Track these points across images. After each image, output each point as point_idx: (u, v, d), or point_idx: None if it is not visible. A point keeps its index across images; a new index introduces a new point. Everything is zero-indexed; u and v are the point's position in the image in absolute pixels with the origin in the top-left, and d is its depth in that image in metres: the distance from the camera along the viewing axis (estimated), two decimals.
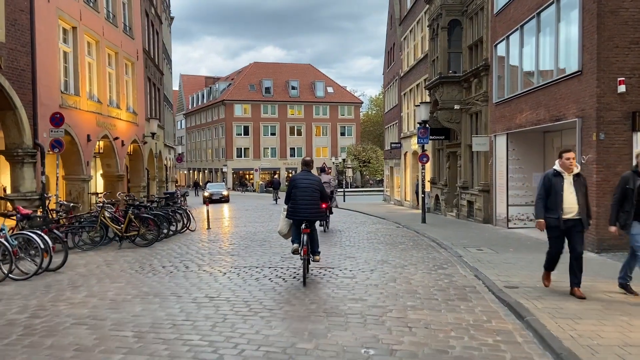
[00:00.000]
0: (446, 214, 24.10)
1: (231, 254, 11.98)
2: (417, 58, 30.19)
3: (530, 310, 6.45)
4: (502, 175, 17.60)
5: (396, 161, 37.04)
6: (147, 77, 26.05)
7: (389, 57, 41.57)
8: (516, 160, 17.15)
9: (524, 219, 17.16)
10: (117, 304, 7.17)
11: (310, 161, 9.73)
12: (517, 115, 16.23)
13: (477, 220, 19.88)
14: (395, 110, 37.63)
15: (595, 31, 11.68)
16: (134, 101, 22.89)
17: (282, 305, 7.03)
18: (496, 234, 15.65)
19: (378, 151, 67.50)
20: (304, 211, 8.76)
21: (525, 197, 17.13)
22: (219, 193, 39.74)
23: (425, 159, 20.07)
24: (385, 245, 13.42)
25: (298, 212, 8.79)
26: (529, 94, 15.33)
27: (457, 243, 13.23)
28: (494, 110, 18.37)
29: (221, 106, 74.71)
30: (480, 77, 19.64)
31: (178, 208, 16.85)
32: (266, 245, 13.31)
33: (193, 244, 13.71)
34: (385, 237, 15.42)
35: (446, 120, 22.05)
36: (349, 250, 12.18)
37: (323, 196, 9.12)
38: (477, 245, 12.89)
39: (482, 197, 19.33)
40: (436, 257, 11.38)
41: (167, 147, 35.05)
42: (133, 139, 22.57)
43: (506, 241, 13.70)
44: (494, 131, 18.39)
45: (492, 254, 11.41)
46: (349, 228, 17.94)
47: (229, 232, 16.95)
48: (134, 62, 22.82)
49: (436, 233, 15.84)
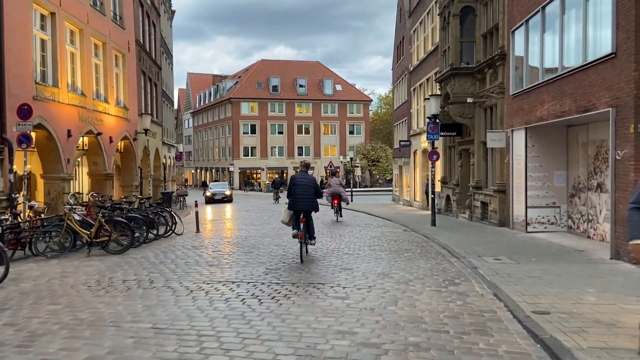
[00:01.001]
0: (458, 215, 22.46)
1: (210, 263, 10.47)
2: (427, 51, 28.55)
3: (573, 352, 4.85)
4: (520, 174, 15.95)
5: (405, 160, 35.40)
6: (142, 71, 24.67)
7: (398, 52, 39.92)
8: (536, 157, 15.49)
9: (544, 223, 15.50)
10: (32, 339, 5.60)
11: (309, 164, 11.92)
12: (537, 107, 14.58)
13: (491, 223, 18.24)
14: (405, 107, 35.99)
15: (634, 5, 10.02)
16: (124, 95, 21.50)
17: (244, 344, 5.36)
18: (514, 239, 14.02)
19: (388, 150, 65.73)
20: (301, 204, 10.80)
21: (545, 198, 15.48)
22: (221, 193, 38.33)
23: (435, 157, 18.46)
24: (389, 253, 11.82)
25: (297, 205, 10.83)
26: (552, 83, 13.66)
27: (470, 250, 11.64)
28: (511, 103, 16.71)
29: (228, 104, 73.36)
30: (496, 67, 17.99)
31: (162, 210, 15.32)
32: (253, 253, 11.77)
33: (172, 251, 12.21)
34: (390, 242, 13.84)
35: (458, 115, 20.42)
36: (347, 260, 10.60)
37: (317, 192, 11.04)
38: (494, 253, 11.28)
39: (498, 197, 17.68)
40: (447, 268, 9.79)
41: (167, 145, 33.69)
42: (124, 135, 21.18)
43: (526, 248, 12.08)
44: (510, 126, 16.74)
45: (512, 265, 9.80)
46: (351, 232, 16.38)
47: (218, 236, 15.47)
48: (124, 53, 21.43)
49: (447, 238, 14.25)
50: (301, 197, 10.77)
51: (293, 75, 75.91)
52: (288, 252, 11.69)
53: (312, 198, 10.86)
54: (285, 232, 14.70)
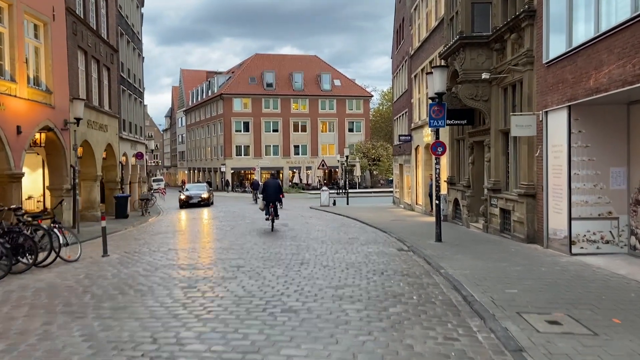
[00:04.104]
0: (469, 225, 17.90)
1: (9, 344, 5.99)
2: (431, 28, 24.03)
3: None
4: (558, 171, 11.43)
5: (406, 157, 30.83)
6: (81, 49, 20.20)
7: (397, 37, 35.35)
8: (584, 148, 10.95)
9: (596, 241, 10.97)
10: None
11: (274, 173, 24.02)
12: (590, 73, 10.03)
13: (515, 238, 13.70)
14: (405, 98, 31.45)
15: None
16: (47, 75, 17.03)
17: None
18: (558, 268, 9.49)
19: (389, 148, 60.97)
20: (271, 197, 17.47)
21: (598, 206, 10.95)
22: (197, 195, 33.79)
23: (440, 149, 13.90)
24: (364, 307, 6.93)
25: (269, 198, 17.48)
26: (617, 34, 9.12)
27: (500, 296, 7.13)
28: (546, 75, 12.17)
29: (219, 101, 68.84)
30: (521, 30, 13.47)
31: (37, 228, 10.62)
32: (121, 310, 7.13)
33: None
34: (371, 278, 9.00)
35: (469, 98, 15.89)
36: (277, 337, 5.81)
37: (280, 190, 17.92)
38: (542, 303, 6.77)
39: (525, 204, 13.16)
40: (465, 350, 5.25)
41: (130, 142, 29.20)
42: (44, 125, 16.71)
43: (586, 288, 7.57)
44: (544, 106, 12.21)
45: (587, 339, 5.29)
46: (322, 254, 11.77)
47: (127, 266, 11.01)
48: (47, 22, 16.97)
49: (459, 266, 9.73)
50: (271, 193, 17.48)
51: (289, 69, 71.35)
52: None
53: (277, 194, 17.64)
54: (245, 272, 10.21)
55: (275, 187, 17.63)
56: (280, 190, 17.71)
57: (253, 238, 15.07)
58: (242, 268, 9.80)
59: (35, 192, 21.16)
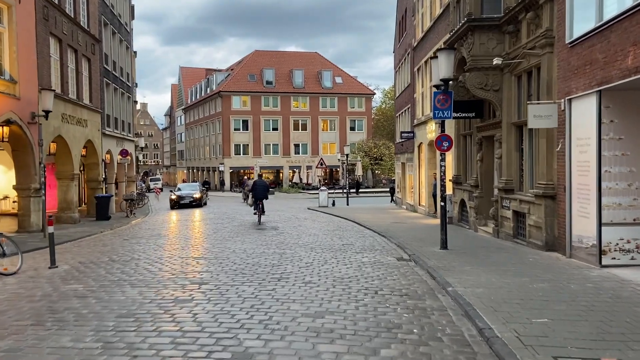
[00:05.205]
0: (477, 228, 16.23)
1: None
2: (435, 16, 22.36)
3: None
4: (585, 168, 9.76)
5: (409, 155, 29.15)
6: (53, 35, 18.57)
7: (400, 29, 33.69)
8: (617, 141, 9.27)
9: (630, 251, 9.29)
10: None
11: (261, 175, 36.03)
12: (628, 50, 8.34)
13: (532, 244, 12.03)
14: (408, 92, 29.76)
15: None
16: (11, 63, 15.42)
17: None
18: (590, 285, 7.82)
19: (391, 147, 59.26)
20: (259, 195, 19.74)
21: (633, 210, 9.29)
22: (189, 196, 32.15)
23: (446, 144, 12.20)
24: (346, 352, 5.10)
25: (257, 196, 19.71)
26: None
27: (527, 329, 5.48)
28: (569, 57, 10.49)
29: (218, 99, 67.13)
30: (539, 7, 11.80)
31: None
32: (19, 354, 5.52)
33: None
34: (361, 300, 7.26)
35: (478, 87, 14.23)
36: None
37: (267, 189, 20.70)
38: (579, 339, 5.14)
39: (542, 206, 11.48)
40: None
41: (115, 139, 27.58)
42: (6, 118, 15.10)
43: (634, 316, 5.91)
44: (567, 93, 10.53)
45: None
46: (307, 266, 10.09)
47: (59, 282, 9.35)
48: (11, 4, 15.37)
49: (470, 282, 8.06)
50: (259, 191, 19.95)
51: (289, 66, 69.59)
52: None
53: (265, 192, 20.22)
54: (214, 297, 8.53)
55: (263, 187, 20.39)
56: (267, 189, 20.66)
57: (233, 244, 13.41)
58: (204, 286, 8.14)
59: (11, 192, 19.62)
